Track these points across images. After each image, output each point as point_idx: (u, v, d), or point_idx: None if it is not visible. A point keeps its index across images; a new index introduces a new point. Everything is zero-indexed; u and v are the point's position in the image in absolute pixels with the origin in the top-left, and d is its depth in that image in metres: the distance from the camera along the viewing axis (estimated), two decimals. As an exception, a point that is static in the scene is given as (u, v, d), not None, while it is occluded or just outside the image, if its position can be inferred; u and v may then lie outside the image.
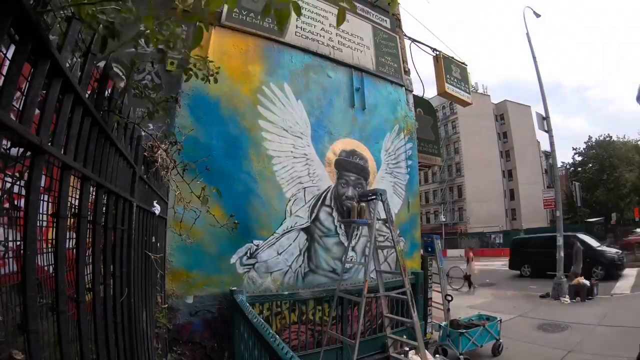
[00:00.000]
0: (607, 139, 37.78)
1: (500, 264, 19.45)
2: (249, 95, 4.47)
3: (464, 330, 4.72)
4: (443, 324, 5.15)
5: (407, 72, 6.50)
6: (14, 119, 0.71)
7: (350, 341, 3.87)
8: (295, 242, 4.56)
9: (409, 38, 6.99)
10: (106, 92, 1.27)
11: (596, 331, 5.78)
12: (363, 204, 4.88)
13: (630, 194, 33.84)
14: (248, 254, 4.19)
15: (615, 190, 34.58)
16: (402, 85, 6.25)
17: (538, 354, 4.99)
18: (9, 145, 0.75)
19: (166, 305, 3.20)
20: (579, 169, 39.42)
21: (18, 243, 0.85)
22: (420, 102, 7.41)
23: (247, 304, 3.27)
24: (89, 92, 1.10)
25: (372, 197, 4.55)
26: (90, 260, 1.19)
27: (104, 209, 1.34)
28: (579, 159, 39.75)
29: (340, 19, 1.24)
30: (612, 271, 10.72)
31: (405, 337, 5.05)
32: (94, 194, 1.20)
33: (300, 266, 4.57)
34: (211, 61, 1.90)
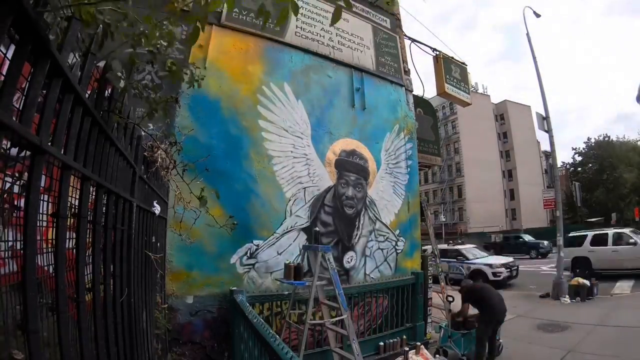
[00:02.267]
0: (607, 139, 37.83)
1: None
2: (249, 95, 4.46)
3: (466, 331, 4.71)
4: (444, 324, 5.15)
5: (407, 72, 6.50)
6: (14, 119, 0.71)
7: (342, 331, 3.70)
8: (295, 242, 4.56)
9: (409, 38, 6.99)
10: (106, 92, 1.27)
11: (596, 331, 5.78)
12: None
13: (630, 194, 33.87)
14: (248, 254, 4.19)
15: (615, 190, 34.61)
16: (402, 85, 6.25)
17: (538, 353, 4.99)
18: (9, 145, 0.75)
19: (166, 305, 3.20)
20: (579, 169, 39.45)
21: (18, 243, 0.85)
22: (420, 102, 7.41)
23: (247, 304, 3.27)
24: (89, 92, 1.10)
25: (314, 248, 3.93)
26: (90, 260, 1.19)
27: (104, 209, 1.34)
28: (579, 159, 39.79)
29: (336, 18, 1.23)
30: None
31: (405, 337, 5.07)
32: (94, 194, 1.20)
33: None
34: (197, 67, 1.93)
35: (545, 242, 20.72)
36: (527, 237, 23.17)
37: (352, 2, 1.32)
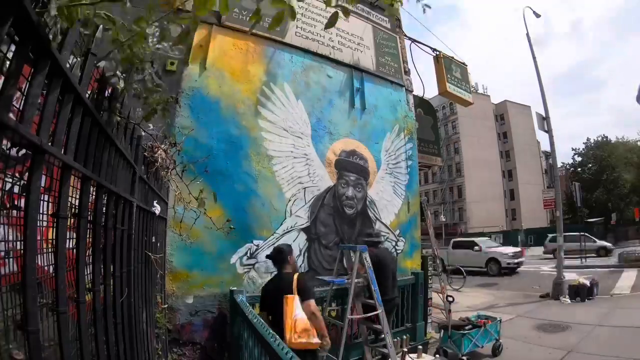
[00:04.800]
0: (606, 139, 37.86)
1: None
2: (249, 95, 4.46)
3: (466, 332, 4.71)
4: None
5: (407, 73, 6.51)
6: (14, 119, 0.71)
7: (341, 323, 3.96)
8: (295, 242, 4.56)
9: (409, 38, 6.99)
10: (106, 92, 1.27)
11: (596, 331, 5.78)
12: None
13: (630, 194, 33.91)
14: (248, 254, 4.19)
15: (615, 190, 34.65)
16: (402, 86, 6.25)
17: (538, 354, 4.99)
18: (9, 146, 0.75)
19: (166, 306, 3.20)
20: (579, 169, 39.47)
21: (18, 243, 0.85)
22: (421, 102, 7.41)
23: (247, 304, 3.26)
24: (89, 92, 1.10)
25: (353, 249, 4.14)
26: (90, 260, 1.19)
27: (104, 209, 1.34)
28: (578, 159, 39.81)
29: (331, 23, 1.24)
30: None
31: (406, 337, 5.06)
32: (94, 194, 1.20)
33: (300, 266, 4.56)
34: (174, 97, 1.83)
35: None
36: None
37: (349, 10, 1.32)
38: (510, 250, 15.00)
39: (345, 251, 4.42)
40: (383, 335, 3.81)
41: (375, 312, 3.81)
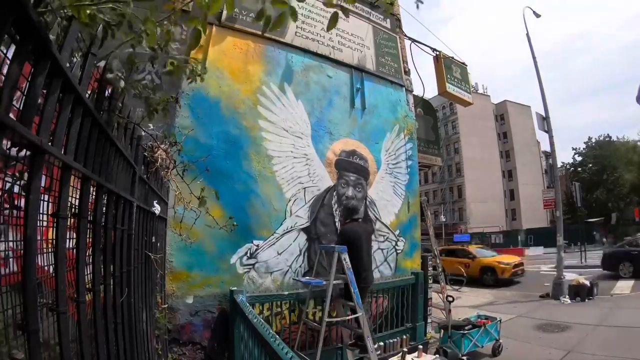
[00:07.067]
0: (607, 139, 37.90)
1: (500, 264, 19.42)
2: (249, 95, 4.46)
3: (466, 332, 4.71)
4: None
5: (407, 72, 6.50)
6: (14, 119, 0.71)
7: (318, 326, 3.82)
8: (295, 242, 4.56)
9: (409, 38, 6.98)
10: (106, 92, 1.27)
11: (596, 331, 5.78)
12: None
13: (630, 194, 33.95)
14: (248, 254, 4.19)
15: (615, 190, 34.68)
16: (402, 86, 6.25)
17: (538, 354, 4.99)
18: (9, 145, 0.75)
19: (166, 306, 3.20)
20: (579, 169, 39.50)
21: (18, 243, 0.84)
22: (421, 102, 7.41)
23: (247, 304, 3.27)
24: (89, 92, 1.10)
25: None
26: (90, 260, 1.19)
27: (104, 209, 1.34)
28: (579, 159, 39.85)
29: (332, 24, 1.25)
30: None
31: (405, 337, 5.07)
32: (94, 194, 1.20)
33: (300, 266, 4.57)
34: (198, 62, 1.85)
35: None
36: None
37: (349, 9, 1.33)
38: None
39: (324, 251, 4.33)
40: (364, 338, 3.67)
41: (355, 315, 3.71)
